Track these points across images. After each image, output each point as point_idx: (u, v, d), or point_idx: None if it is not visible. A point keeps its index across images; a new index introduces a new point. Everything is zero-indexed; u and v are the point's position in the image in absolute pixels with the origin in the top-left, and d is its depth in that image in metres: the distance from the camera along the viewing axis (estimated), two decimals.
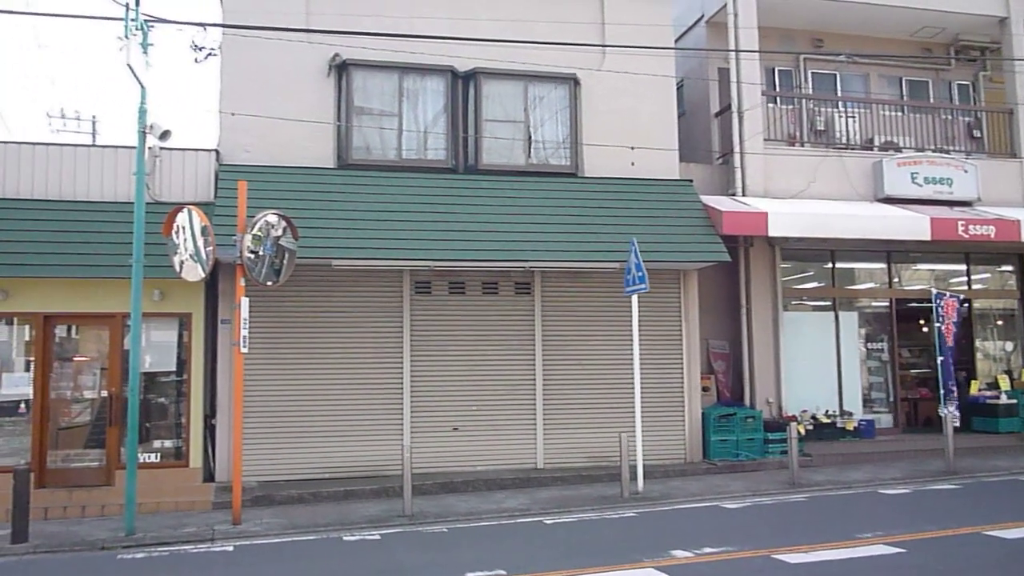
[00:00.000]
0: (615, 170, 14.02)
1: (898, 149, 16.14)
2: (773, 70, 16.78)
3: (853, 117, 16.46)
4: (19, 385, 11.81)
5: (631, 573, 7.53)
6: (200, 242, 10.42)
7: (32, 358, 11.88)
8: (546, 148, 14.15)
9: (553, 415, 13.38)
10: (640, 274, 11.67)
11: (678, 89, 15.23)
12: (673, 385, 13.82)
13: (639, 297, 12.07)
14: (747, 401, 14.77)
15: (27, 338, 11.98)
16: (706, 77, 16.47)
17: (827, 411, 15.12)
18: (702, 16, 16.51)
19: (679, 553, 8.11)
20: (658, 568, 7.57)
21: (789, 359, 15.08)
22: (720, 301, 15.28)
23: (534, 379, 13.37)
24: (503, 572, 7.61)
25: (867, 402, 15.95)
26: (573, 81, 14.13)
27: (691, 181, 14.45)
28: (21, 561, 8.99)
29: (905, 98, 17.42)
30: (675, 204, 13.88)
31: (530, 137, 14.01)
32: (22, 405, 11.81)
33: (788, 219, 13.77)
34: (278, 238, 10.85)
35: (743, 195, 14.70)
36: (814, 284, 16.10)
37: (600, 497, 11.43)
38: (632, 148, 14.03)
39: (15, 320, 12.00)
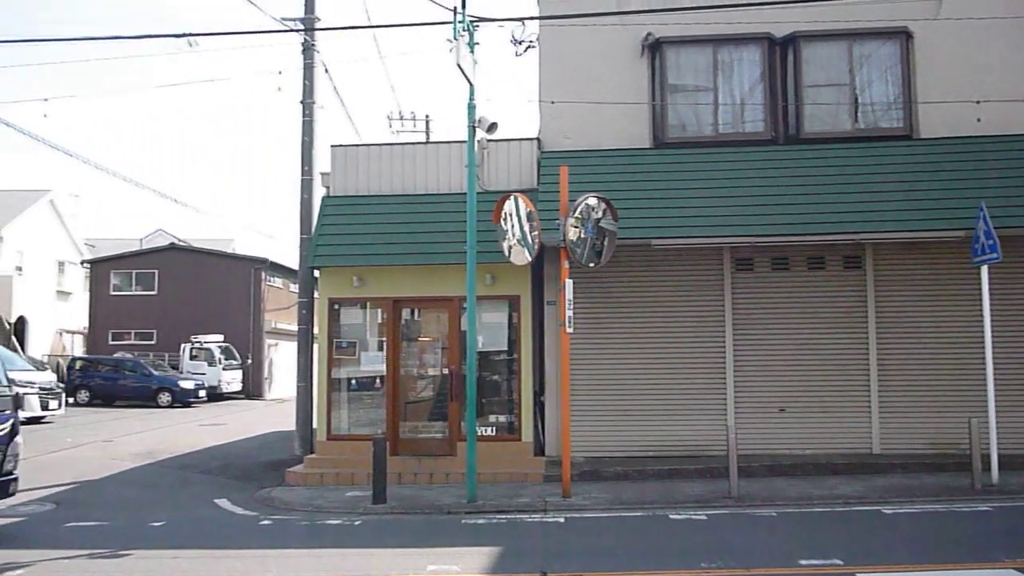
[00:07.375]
0: (957, 128, 12.68)
1: None
2: None
3: None
4: (374, 363, 13.19)
5: (990, 573, 6.86)
6: (526, 227, 10.98)
7: (383, 338, 13.19)
8: (875, 110, 13.16)
9: (890, 397, 12.48)
10: (991, 243, 10.56)
11: None
12: None
13: (989, 268, 10.88)
14: None
15: (379, 320, 13.32)
16: None
17: None
18: None
19: None
20: (1020, 570, 6.78)
21: None
22: None
23: (867, 358, 12.54)
24: (839, 562, 7.24)
25: None
26: (904, 35, 12.96)
27: None
28: (382, 520, 10.07)
29: None
30: None
31: (856, 100, 13.09)
32: (377, 380, 13.18)
33: None
34: (598, 220, 11.12)
35: None
36: None
37: (946, 487, 10.50)
38: (978, 103, 12.61)
39: (368, 304, 13.40)
